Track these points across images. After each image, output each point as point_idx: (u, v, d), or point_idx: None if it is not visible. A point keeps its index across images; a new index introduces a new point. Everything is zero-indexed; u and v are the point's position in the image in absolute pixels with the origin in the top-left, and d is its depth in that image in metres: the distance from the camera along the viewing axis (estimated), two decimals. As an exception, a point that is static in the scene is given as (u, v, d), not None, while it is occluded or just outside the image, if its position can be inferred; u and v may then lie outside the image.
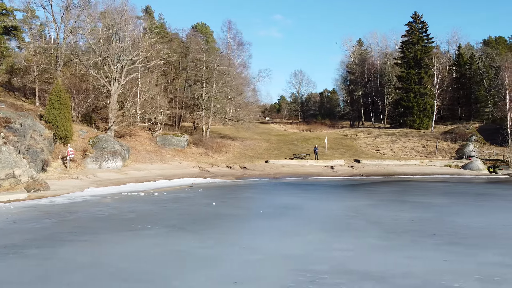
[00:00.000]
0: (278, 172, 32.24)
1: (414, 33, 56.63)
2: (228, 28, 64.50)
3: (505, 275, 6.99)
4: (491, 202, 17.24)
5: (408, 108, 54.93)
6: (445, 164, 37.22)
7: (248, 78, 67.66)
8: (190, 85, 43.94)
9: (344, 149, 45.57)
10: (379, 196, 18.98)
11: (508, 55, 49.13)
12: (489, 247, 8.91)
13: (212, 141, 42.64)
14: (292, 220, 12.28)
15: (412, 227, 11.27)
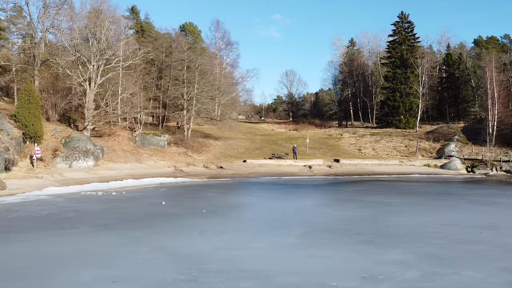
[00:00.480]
0: (254, 171, 32.22)
1: (401, 32, 56.59)
2: (216, 28, 64.47)
3: (392, 273, 6.97)
4: (446, 201, 17.20)
5: (394, 107, 54.89)
6: (424, 164, 37.19)
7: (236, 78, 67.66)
8: (172, 84, 43.86)
9: (326, 149, 45.55)
10: (337, 195, 18.97)
11: (491, 55, 49.00)
12: (399, 247, 8.89)
13: (194, 141, 42.63)
14: (227, 219, 12.27)
15: (340, 226, 11.25)
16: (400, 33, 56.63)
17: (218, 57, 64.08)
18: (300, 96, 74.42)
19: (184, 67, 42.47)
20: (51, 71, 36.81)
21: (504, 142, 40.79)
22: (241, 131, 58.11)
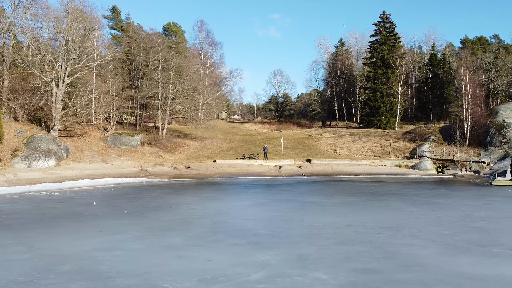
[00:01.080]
0: (220, 172, 32.18)
1: (382, 32, 56.55)
2: (200, 28, 64.45)
3: (238, 275, 6.93)
4: (385, 202, 17.14)
5: (375, 108, 54.84)
6: (396, 164, 37.15)
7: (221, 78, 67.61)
8: (148, 84, 43.82)
9: (302, 149, 45.52)
10: (282, 195, 18.92)
11: (465, 56, 48.99)
12: (278, 247, 8.83)
13: (169, 141, 42.64)
14: (140, 220, 12.21)
15: (245, 227, 11.21)
16: (382, 33, 56.60)
17: (202, 57, 64.15)
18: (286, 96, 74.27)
19: (159, 66, 42.49)
20: (20, 71, 36.81)
21: (478, 142, 40.75)
22: (224, 131, 58.20)
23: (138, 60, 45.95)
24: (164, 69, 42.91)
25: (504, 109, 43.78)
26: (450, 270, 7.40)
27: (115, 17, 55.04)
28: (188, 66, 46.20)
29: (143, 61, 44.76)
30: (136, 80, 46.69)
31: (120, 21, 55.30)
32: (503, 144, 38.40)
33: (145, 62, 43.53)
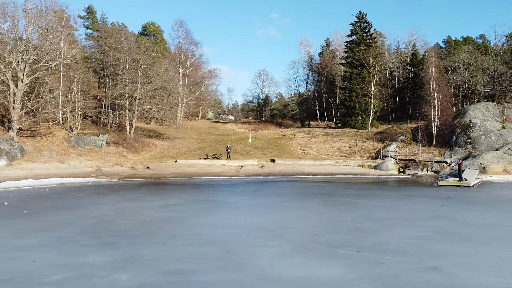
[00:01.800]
0: (177, 172, 32.17)
1: (358, 32, 56.50)
2: (179, 28, 64.51)
3: (103, 277, 6.93)
4: (303, 202, 17.12)
5: (351, 108, 54.83)
6: (359, 164, 37.09)
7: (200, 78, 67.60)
8: (114, 84, 43.78)
9: (273, 149, 45.49)
10: (208, 196, 18.96)
11: (431, 56, 48.97)
12: (118, 247, 8.84)
13: (138, 141, 42.62)
14: (25, 220, 12.22)
15: (126, 227, 11.23)
16: (358, 33, 56.55)
17: (181, 56, 64.18)
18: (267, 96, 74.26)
19: (126, 66, 42.51)
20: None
21: (444, 143, 40.71)
22: (200, 131, 58.25)
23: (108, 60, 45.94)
24: (132, 69, 42.94)
25: (473, 109, 43.74)
26: (265, 272, 7.38)
27: (91, 17, 55.04)
28: (158, 66, 46.20)
29: (113, 60, 44.74)
30: (106, 79, 46.66)
31: (95, 20, 55.30)
32: (467, 144, 38.35)
33: (114, 62, 43.48)
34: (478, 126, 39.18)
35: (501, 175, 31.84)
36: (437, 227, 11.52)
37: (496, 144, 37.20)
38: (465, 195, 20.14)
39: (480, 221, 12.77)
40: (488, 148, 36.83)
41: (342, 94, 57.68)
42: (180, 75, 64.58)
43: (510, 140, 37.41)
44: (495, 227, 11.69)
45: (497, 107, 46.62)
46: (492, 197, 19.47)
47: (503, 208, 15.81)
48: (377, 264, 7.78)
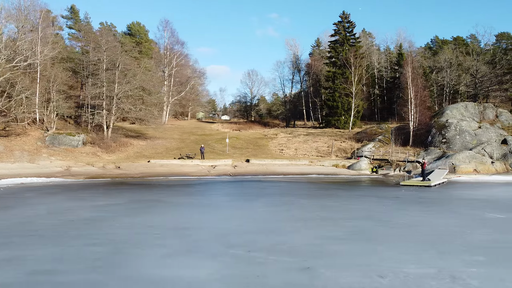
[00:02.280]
0: (147, 172, 32.16)
1: (341, 32, 56.47)
2: (164, 28, 64.54)
3: None
4: (246, 202, 17.09)
5: (333, 107, 54.81)
6: (333, 164, 37.07)
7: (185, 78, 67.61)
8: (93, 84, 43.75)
9: (251, 149, 45.49)
10: (154, 196, 18.92)
11: (408, 57, 48.94)
12: (44, 247, 8.88)
13: (116, 140, 42.64)
14: None
15: (55, 227, 11.24)
16: (340, 33, 56.52)
17: (167, 56, 64.19)
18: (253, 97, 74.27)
19: (103, 66, 42.50)
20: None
21: (420, 142, 40.69)
22: (184, 131, 58.24)
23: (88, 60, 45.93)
24: (109, 69, 42.92)
25: (451, 109, 43.74)
26: (134, 272, 7.37)
27: (73, 16, 55.05)
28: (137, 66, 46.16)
29: (92, 60, 44.71)
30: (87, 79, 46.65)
31: (78, 20, 55.32)
32: (442, 144, 38.33)
33: (92, 62, 43.45)
34: (453, 126, 39.15)
35: (470, 175, 31.82)
36: (355, 227, 11.49)
37: (470, 144, 37.17)
38: (418, 195, 20.10)
39: (405, 221, 12.74)
40: (462, 148, 36.81)
41: (325, 94, 57.65)
42: (166, 75, 64.67)
43: (484, 140, 37.38)
44: (413, 227, 11.66)
45: (477, 107, 46.62)
46: (444, 197, 19.43)
47: (443, 209, 15.77)
48: (254, 264, 7.76)
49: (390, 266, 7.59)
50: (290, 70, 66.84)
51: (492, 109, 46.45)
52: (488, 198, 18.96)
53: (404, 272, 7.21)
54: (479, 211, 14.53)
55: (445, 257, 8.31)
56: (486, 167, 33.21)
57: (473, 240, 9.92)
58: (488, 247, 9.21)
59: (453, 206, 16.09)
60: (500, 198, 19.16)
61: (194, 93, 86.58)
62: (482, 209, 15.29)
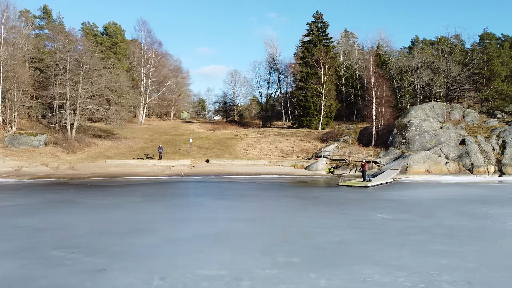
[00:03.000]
0: (98, 172, 32.16)
1: (313, 33, 56.44)
2: (141, 28, 64.61)
3: None
4: (158, 203, 17.10)
5: (306, 108, 54.80)
6: (292, 164, 37.05)
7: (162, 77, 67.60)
8: (61, 84, 43.73)
9: (217, 149, 45.48)
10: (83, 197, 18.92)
11: (370, 56, 48.89)
12: None
13: (80, 140, 42.65)
14: None
15: None
16: (313, 33, 56.49)
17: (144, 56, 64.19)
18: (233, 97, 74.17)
19: (67, 66, 42.53)
20: None
21: (382, 143, 40.67)
22: (158, 131, 58.30)
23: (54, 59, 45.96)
24: (73, 69, 42.93)
25: (415, 110, 43.70)
26: None
27: (46, 16, 55.09)
28: (103, 66, 46.18)
29: (56, 60, 44.73)
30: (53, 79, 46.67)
31: (51, 20, 55.34)
32: (402, 144, 38.29)
33: (56, 62, 43.48)
34: (414, 126, 39.12)
35: (421, 175, 31.80)
36: (218, 228, 11.44)
37: (429, 144, 37.13)
38: (342, 195, 20.06)
39: (281, 221, 12.69)
40: (421, 148, 36.77)
41: (298, 94, 57.67)
42: (143, 75, 64.73)
43: (443, 140, 37.34)
44: (277, 227, 11.63)
45: (444, 107, 46.59)
46: (362, 198, 19.26)
47: (340, 209, 15.63)
48: (64, 266, 7.75)
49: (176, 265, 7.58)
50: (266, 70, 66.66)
51: (459, 110, 46.40)
52: (405, 199, 18.92)
53: (180, 274, 7.20)
54: (373, 212, 14.47)
55: (253, 257, 8.28)
56: (439, 168, 33.17)
57: (315, 242, 9.86)
58: (321, 247, 9.15)
59: (353, 207, 16.01)
60: (416, 199, 19.10)
61: (177, 93, 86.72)
62: (381, 209, 15.23)
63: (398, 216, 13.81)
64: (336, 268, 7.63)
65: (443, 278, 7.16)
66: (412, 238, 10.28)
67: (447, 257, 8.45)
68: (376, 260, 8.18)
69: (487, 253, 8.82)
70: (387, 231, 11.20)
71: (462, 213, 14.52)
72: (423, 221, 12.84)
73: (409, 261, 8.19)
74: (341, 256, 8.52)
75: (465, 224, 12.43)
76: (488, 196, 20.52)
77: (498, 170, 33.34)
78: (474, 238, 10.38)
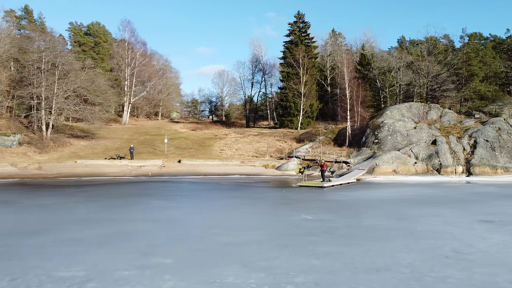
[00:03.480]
0: (65, 172, 32.11)
1: (295, 33, 56.41)
2: (125, 28, 64.57)
3: None
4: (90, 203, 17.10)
5: (286, 108, 54.77)
6: (264, 165, 37.01)
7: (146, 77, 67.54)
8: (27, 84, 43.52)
9: (193, 149, 45.43)
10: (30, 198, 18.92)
11: (345, 56, 48.90)
12: None
13: (55, 140, 42.62)
14: None
15: None
16: (295, 33, 56.47)
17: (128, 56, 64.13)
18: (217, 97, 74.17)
19: (42, 66, 42.49)
20: None
21: (356, 143, 40.63)
22: (140, 130, 58.25)
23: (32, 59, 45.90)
24: (48, 69, 42.89)
25: (391, 110, 43.66)
26: None
27: (26, 16, 55.11)
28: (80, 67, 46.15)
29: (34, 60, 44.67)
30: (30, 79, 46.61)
31: (32, 20, 55.37)
32: (374, 144, 38.25)
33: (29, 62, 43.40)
34: (387, 126, 39.08)
35: (388, 176, 31.76)
36: (119, 229, 11.39)
37: (400, 145, 37.10)
38: (289, 196, 20.04)
39: (197, 222, 12.69)
40: (392, 149, 36.73)
41: (280, 95, 57.61)
42: (127, 75, 64.70)
43: (414, 140, 37.31)
44: (190, 227, 11.62)
45: (422, 107, 46.56)
46: (314, 199, 19.17)
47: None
48: None
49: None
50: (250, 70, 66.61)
51: (437, 110, 46.37)
52: (349, 199, 18.88)
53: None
54: (299, 213, 14.41)
55: (124, 258, 8.26)
56: (407, 168, 33.14)
57: (205, 243, 9.83)
58: (203, 249, 9.13)
59: (287, 208, 15.97)
60: (361, 199, 19.01)
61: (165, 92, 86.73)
62: (311, 210, 15.20)
63: (321, 217, 13.78)
64: (197, 271, 7.61)
65: (296, 280, 7.14)
66: (310, 239, 10.25)
67: (322, 258, 8.43)
68: (246, 261, 8.16)
69: (367, 255, 8.79)
70: (293, 232, 11.18)
71: (390, 214, 14.49)
72: (341, 222, 12.82)
73: (280, 262, 8.17)
74: (216, 257, 8.50)
75: (381, 225, 12.39)
76: (438, 196, 20.46)
77: (466, 170, 33.30)
78: (372, 238, 10.35)
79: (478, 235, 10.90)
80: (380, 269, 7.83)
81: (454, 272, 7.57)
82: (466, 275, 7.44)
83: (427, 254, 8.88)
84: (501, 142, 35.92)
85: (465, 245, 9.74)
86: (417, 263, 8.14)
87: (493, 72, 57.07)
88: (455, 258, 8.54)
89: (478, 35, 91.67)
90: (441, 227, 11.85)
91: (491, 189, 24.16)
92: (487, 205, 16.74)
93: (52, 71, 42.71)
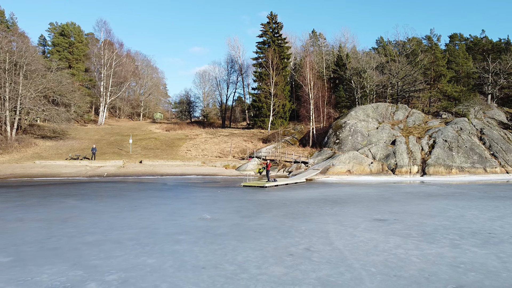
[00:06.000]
0: (18, 173, 32.07)
1: (267, 33, 56.52)
2: (100, 28, 64.50)
3: None
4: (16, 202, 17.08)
5: (259, 108, 54.87)
6: (224, 165, 37.08)
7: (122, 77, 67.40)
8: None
9: (161, 150, 45.43)
10: None
11: (308, 57, 49.08)
12: None
13: (21, 141, 42.52)
14: None
15: None
16: (267, 34, 56.58)
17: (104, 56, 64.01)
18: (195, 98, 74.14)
19: (6, 66, 42.33)
20: None
21: (319, 143, 40.76)
22: (112, 131, 58.11)
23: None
24: (12, 70, 42.75)
25: (356, 111, 43.85)
26: None
27: (-3, 17, 54.99)
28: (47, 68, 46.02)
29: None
30: None
31: (3, 21, 55.17)
32: (335, 145, 38.41)
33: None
34: (349, 127, 39.25)
35: (341, 176, 31.88)
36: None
37: (360, 145, 37.28)
38: (220, 196, 20.06)
39: (86, 222, 12.70)
40: (352, 149, 36.91)
41: (252, 95, 57.78)
42: (103, 75, 64.57)
43: (374, 140, 37.49)
44: (68, 227, 11.63)
45: (390, 108, 46.81)
46: (244, 199, 19.17)
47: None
48: None
49: None
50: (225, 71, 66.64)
51: (405, 110, 46.64)
52: (277, 199, 18.88)
53: None
54: (204, 213, 14.49)
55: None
56: (362, 168, 33.28)
57: (62, 242, 9.87)
58: (52, 248, 9.15)
59: (202, 207, 16.06)
60: (289, 199, 18.90)
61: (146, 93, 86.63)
62: (226, 210, 15.26)
63: (219, 217, 13.80)
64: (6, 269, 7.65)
65: (107, 278, 7.18)
66: (180, 238, 10.28)
67: (162, 257, 8.47)
68: (76, 262, 8.19)
69: (211, 253, 8.84)
70: (164, 232, 11.20)
71: (290, 213, 14.45)
72: (232, 221, 12.86)
73: (98, 262, 8.18)
74: (42, 254, 8.53)
75: (266, 224, 12.40)
76: (364, 196, 20.32)
77: (421, 170, 33.50)
78: (241, 238, 10.39)
79: (350, 233, 10.98)
80: (206, 266, 7.89)
81: (281, 269, 7.62)
82: (287, 271, 7.50)
83: (277, 251, 8.95)
84: (459, 142, 36.18)
85: (324, 243, 9.80)
86: (255, 260, 8.20)
87: (466, 72, 57.48)
88: (298, 256, 8.61)
89: (458, 36, 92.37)
90: (322, 226, 11.93)
91: (431, 189, 24.28)
92: (399, 204, 16.84)
93: (16, 72, 42.55)
